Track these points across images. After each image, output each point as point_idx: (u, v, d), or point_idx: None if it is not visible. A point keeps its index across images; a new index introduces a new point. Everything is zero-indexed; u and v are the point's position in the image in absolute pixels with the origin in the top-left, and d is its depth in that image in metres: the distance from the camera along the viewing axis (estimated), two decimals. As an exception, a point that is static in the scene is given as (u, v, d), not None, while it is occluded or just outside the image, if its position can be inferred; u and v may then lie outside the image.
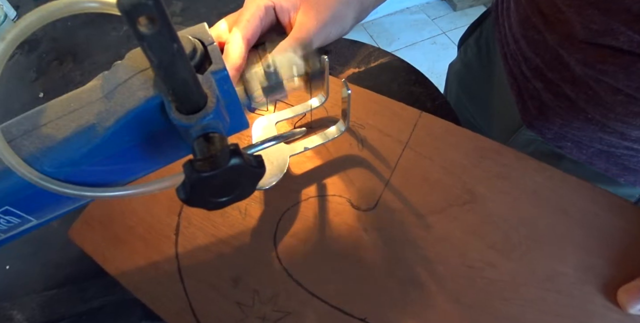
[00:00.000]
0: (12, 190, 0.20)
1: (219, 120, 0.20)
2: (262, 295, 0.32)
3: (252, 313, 0.31)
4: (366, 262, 0.33)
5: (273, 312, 0.31)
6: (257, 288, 0.32)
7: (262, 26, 0.32)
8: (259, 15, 0.32)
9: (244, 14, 0.31)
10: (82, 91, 0.21)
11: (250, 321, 0.31)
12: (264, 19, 0.32)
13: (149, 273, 0.34)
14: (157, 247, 0.35)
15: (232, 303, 0.32)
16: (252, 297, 0.32)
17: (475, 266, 0.32)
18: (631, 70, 0.32)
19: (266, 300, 0.32)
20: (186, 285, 0.33)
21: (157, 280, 0.33)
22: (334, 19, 0.35)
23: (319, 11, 0.33)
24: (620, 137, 0.38)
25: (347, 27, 0.38)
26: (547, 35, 0.38)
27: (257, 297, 0.32)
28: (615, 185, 0.45)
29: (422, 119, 0.40)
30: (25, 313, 0.35)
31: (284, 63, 0.24)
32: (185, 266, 0.34)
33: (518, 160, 0.37)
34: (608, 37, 0.32)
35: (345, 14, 0.36)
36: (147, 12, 0.14)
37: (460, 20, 1.81)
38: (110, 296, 0.35)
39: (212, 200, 0.22)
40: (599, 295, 0.30)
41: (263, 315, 0.31)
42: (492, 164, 0.37)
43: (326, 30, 0.35)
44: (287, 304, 0.31)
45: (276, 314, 0.31)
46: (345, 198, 0.36)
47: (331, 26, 0.35)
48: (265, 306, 0.31)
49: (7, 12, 0.57)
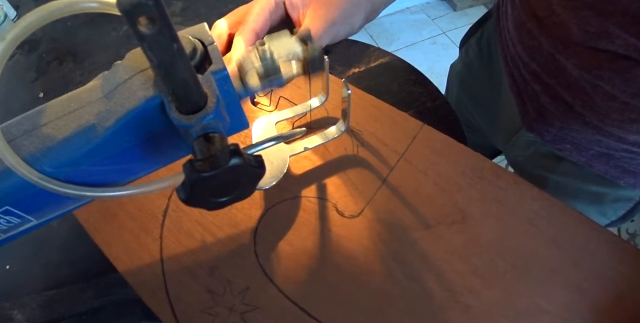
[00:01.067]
0: (12, 190, 0.20)
1: (219, 120, 0.20)
2: (234, 286, 0.32)
3: (222, 303, 0.32)
4: (341, 270, 0.33)
5: (242, 305, 0.31)
6: (230, 279, 0.33)
7: (271, 20, 0.33)
8: (268, 9, 0.32)
9: (254, 7, 0.32)
10: (82, 91, 0.21)
11: (219, 310, 0.31)
12: (273, 13, 0.33)
13: (133, 248, 0.35)
14: (144, 226, 0.36)
15: (204, 290, 0.32)
16: (225, 287, 0.32)
17: (453, 289, 0.31)
18: (627, 76, 0.32)
19: (237, 292, 0.32)
20: (165, 266, 0.34)
21: (139, 256, 0.34)
22: (343, 19, 0.35)
23: (328, 10, 0.34)
24: (618, 140, 0.38)
25: (355, 27, 0.38)
26: (542, 40, 0.38)
27: (229, 288, 0.32)
28: (615, 187, 0.45)
29: (423, 131, 0.39)
30: (25, 313, 0.35)
31: (279, 46, 0.24)
32: (167, 247, 0.35)
33: (517, 185, 0.35)
34: (604, 40, 0.32)
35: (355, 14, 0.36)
36: (147, 12, 0.14)
37: (460, 20, 1.81)
38: (110, 296, 0.35)
39: (212, 200, 0.22)
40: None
41: (232, 306, 0.31)
42: (488, 186, 0.36)
43: (335, 29, 0.35)
44: (256, 299, 0.32)
45: (244, 307, 0.31)
46: (332, 202, 0.36)
47: (340, 25, 0.35)
48: (235, 297, 0.32)
49: (7, 12, 0.57)
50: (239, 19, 0.33)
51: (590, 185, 0.46)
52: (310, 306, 0.31)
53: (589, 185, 0.46)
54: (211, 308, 0.31)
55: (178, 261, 0.34)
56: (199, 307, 0.31)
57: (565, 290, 0.31)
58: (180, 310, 0.31)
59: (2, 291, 0.36)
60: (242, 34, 0.31)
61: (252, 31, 0.32)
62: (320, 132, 0.37)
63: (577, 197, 0.49)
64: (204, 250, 0.34)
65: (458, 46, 0.62)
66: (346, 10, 0.35)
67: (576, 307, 0.30)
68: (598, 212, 0.49)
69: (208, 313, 0.31)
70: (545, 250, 0.32)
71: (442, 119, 0.43)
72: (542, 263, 0.32)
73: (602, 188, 0.46)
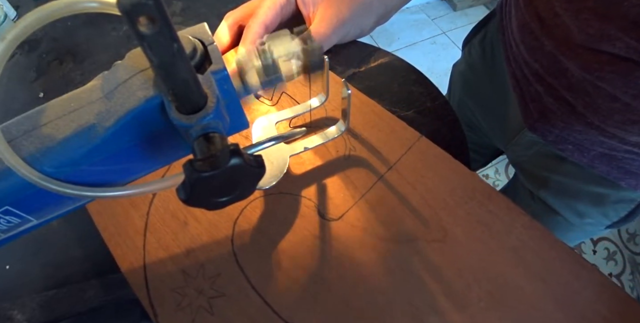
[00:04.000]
0: (12, 190, 0.20)
1: (219, 120, 0.20)
2: (206, 271, 0.33)
3: (192, 285, 0.32)
4: (311, 271, 0.32)
5: (210, 289, 0.32)
6: (204, 264, 0.33)
7: (282, 14, 0.33)
8: (279, 3, 0.32)
9: (265, 0, 0.32)
10: (82, 91, 0.21)
11: (188, 291, 0.32)
12: (284, 7, 0.33)
13: (121, 222, 0.36)
14: (135, 201, 0.37)
15: (178, 270, 0.33)
16: (198, 270, 0.33)
17: (420, 308, 0.30)
18: (629, 78, 0.32)
19: (208, 277, 0.33)
20: (146, 242, 0.34)
21: (125, 230, 0.35)
22: (354, 20, 0.35)
23: (339, 10, 0.34)
24: (620, 142, 0.38)
25: (366, 29, 0.38)
26: (545, 41, 0.38)
27: (201, 271, 0.33)
28: (616, 189, 0.45)
29: (420, 143, 0.38)
30: (25, 313, 0.35)
31: (279, 46, 0.24)
32: (152, 225, 0.35)
33: (509, 211, 0.34)
34: (605, 42, 0.32)
35: (366, 15, 0.36)
36: (147, 12, 0.14)
37: (460, 20, 1.81)
38: (110, 296, 0.35)
39: (212, 200, 0.22)
40: None
41: (201, 289, 0.32)
42: (477, 208, 0.34)
43: (344, 29, 0.35)
44: (224, 286, 0.32)
45: (212, 292, 0.32)
46: (314, 203, 0.36)
47: (350, 26, 0.35)
48: (205, 282, 0.32)
49: (7, 12, 0.57)
50: (250, 11, 0.34)
51: (592, 186, 0.46)
52: (274, 301, 0.31)
53: (591, 186, 0.46)
54: (182, 289, 0.32)
55: (159, 239, 0.35)
56: (170, 285, 0.32)
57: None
58: (153, 285, 0.32)
59: (2, 291, 0.36)
60: (252, 26, 0.31)
61: (262, 24, 0.32)
62: (320, 132, 0.37)
63: (579, 198, 0.49)
64: (184, 231, 0.35)
65: (458, 46, 0.62)
66: (357, 12, 0.35)
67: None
68: (599, 213, 0.49)
69: (178, 293, 0.32)
70: (526, 283, 0.31)
71: (442, 118, 0.43)
72: (521, 295, 0.31)
73: (604, 190, 0.46)
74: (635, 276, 1.28)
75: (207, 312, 0.31)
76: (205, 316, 0.31)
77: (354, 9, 0.35)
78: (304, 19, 0.34)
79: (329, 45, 0.35)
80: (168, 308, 0.31)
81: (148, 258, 0.34)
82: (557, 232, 0.57)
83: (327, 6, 0.33)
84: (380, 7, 0.37)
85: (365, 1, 0.36)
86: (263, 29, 0.32)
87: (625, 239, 1.35)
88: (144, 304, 0.32)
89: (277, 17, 0.32)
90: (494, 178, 1.44)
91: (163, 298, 0.32)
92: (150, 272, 0.33)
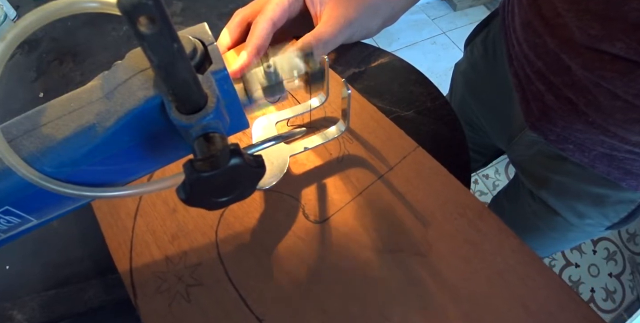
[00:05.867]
0: (12, 190, 0.20)
1: (219, 120, 0.20)
2: (188, 258, 0.33)
3: (173, 271, 0.33)
4: (289, 271, 0.32)
5: (189, 278, 0.33)
6: (187, 251, 0.34)
7: (289, 11, 0.33)
8: (287, 0, 0.32)
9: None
10: (82, 91, 0.21)
11: (169, 276, 0.33)
12: (292, 4, 0.33)
13: (114, 202, 0.37)
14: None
15: (162, 255, 0.34)
16: (180, 257, 0.34)
17: (392, 320, 0.30)
18: (629, 77, 0.32)
19: (189, 265, 0.33)
20: (136, 225, 0.35)
21: (117, 211, 0.36)
22: (361, 21, 0.35)
23: (347, 10, 0.34)
24: (621, 141, 0.38)
25: (372, 30, 0.38)
26: (548, 39, 0.38)
27: (183, 259, 0.33)
28: (617, 189, 0.45)
29: (415, 154, 0.37)
30: (25, 313, 0.35)
31: (284, 63, 0.25)
32: (142, 208, 0.36)
33: (499, 232, 0.33)
34: (606, 43, 0.32)
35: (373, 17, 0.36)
36: (147, 12, 0.14)
37: (460, 20, 1.82)
38: (110, 296, 0.35)
39: (212, 200, 0.22)
40: None
41: (181, 276, 0.33)
42: (467, 226, 0.33)
43: (351, 30, 0.35)
44: (203, 276, 0.33)
45: (191, 280, 0.32)
46: (301, 203, 0.36)
47: (357, 27, 0.35)
48: (186, 269, 0.33)
49: (7, 12, 0.57)
50: (259, 8, 0.34)
51: (593, 186, 0.46)
52: (249, 296, 0.32)
53: (592, 186, 0.46)
54: (163, 273, 0.33)
55: (148, 223, 0.35)
56: (152, 269, 0.33)
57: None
58: (137, 267, 0.33)
59: (2, 291, 0.36)
60: (259, 22, 0.32)
61: (269, 20, 0.32)
62: (320, 132, 0.37)
63: (579, 198, 0.49)
64: (172, 218, 0.35)
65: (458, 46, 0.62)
66: (364, 13, 0.35)
67: None
68: (600, 213, 0.49)
69: (159, 277, 0.33)
70: (507, 308, 0.30)
71: (442, 118, 0.43)
72: (499, 320, 0.29)
73: (605, 190, 0.46)
74: (635, 276, 1.28)
75: (183, 298, 0.32)
76: (182, 302, 0.31)
77: (361, 10, 0.35)
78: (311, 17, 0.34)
79: (334, 46, 0.35)
80: (148, 290, 0.32)
81: (135, 241, 0.34)
82: (557, 233, 0.57)
83: (335, 6, 0.34)
84: (387, 9, 0.37)
85: (372, 3, 0.36)
86: (271, 25, 0.32)
87: (625, 239, 1.35)
88: (125, 284, 0.32)
89: (285, 14, 0.33)
90: (494, 178, 1.44)
91: (145, 281, 0.33)
92: (135, 254, 0.34)
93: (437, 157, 0.38)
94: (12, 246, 0.26)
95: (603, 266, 1.29)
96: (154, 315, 0.31)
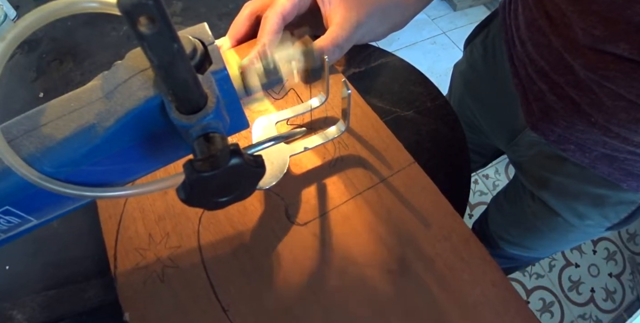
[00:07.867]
0: (12, 190, 0.20)
1: (219, 120, 0.20)
2: (170, 240, 0.34)
3: (154, 249, 0.34)
4: (262, 268, 0.32)
5: (167, 259, 0.33)
6: (170, 233, 0.35)
7: (299, 6, 0.33)
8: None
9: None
10: (82, 91, 0.21)
11: (149, 254, 0.34)
12: None
13: None
14: None
15: (147, 233, 0.35)
16: (162, 237, 0.34)
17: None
18: (633, 76, 0.32)
19: (169, 246, 0.34)
20: (127, 200, 0.37)
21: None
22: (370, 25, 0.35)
23: (358, 14, 0.34)
24: (624, 142, 0.38)
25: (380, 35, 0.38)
26: (552, 38, 0.38)
27: (165, 239, 0.34)
28: (617, 190, 0.45)
29: (410, 169, 0.36)
30: (25, 313, 0.35)
31: (283, 58, 0.24)
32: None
33: (482, 262, 0.31)
34: (609, 44, 0.32)
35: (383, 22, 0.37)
36: (147, 12, 0.14)
37: (460, 20, 1.81)
38: (110, 296, 0.35)
39: (212, 200, 0.22)
40: None
41: (160, 256, 0.34)
42: (449, 251, 0.32)
43: (360, 33, 0.35)
44: (180, 259, 0.33)
45: (168, 261, 0.33)
46: (286, 203, 0.36)
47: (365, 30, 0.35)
48: (166, 250, 0.34)
49: (7, 12, 0.57)
50: (269, 1, 0.34)
51: (593, 187, 0.46)
52: (219, 286, 0.32)
53: (592, 187, 0.46)
54: (144, 250, 0.34)
55: (139, 200, 0.36)
56: (135, 244, 0.34)
57: None
58: (122, 239, 0.34)
59: (2, 291, 0.36)
60: (269, 16, 0.32)
61: (279, 14, 0.32)
62: (320, 132, 0.37)
63: (579, 199, 0.49)
64: (162, 199, 0.36)
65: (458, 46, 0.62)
66: (374, 18, 0.35)
67: None
68: (600, 214, 0.49)
69: (139, 253, 0.34)
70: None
71: (442, 118, 0.43)
72: None
73: (605, 191, 0.46)
74: (635, 276, 1.28)
75: (158, 278, 0.33)
76: (155, 281, 0.32)
77: (372, 14, 0.35)
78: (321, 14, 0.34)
79: (347, 49, 0.35)
80: (127, 264, 0.33)
81: (125, 216, 0.36)
82: (557, 233, 0.57)
83: (347, 9, 0.34)
84: (397, 15, 0.37)
85: (383, 8, 0.36)
86: (281, 19, 0.32)
87: (625, 239, 1.35)
88: (109, 254, 0.34)
89: (295, 8, 0.33)
90: (494, 178, 1.44)
91: (126, 254, 0.34)
92: (123, 228, 0.35)
93: (437, 156, 0.38)
94: (12, 246, 0.26)
95: (603, 266, 1.29)
96: (129, 289, 0.32)
